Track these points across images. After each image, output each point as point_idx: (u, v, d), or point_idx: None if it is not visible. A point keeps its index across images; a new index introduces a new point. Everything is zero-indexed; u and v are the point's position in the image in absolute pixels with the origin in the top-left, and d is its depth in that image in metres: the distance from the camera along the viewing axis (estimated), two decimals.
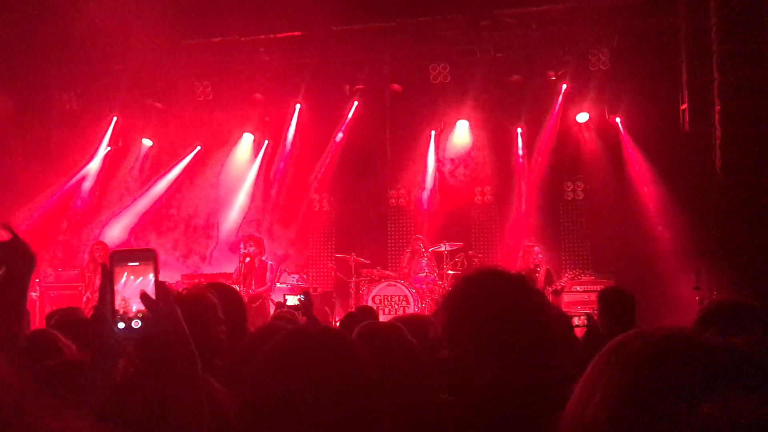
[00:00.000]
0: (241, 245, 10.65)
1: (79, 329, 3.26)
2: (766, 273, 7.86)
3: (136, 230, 13.10)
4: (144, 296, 1.48)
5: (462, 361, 1.95)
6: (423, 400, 2.34)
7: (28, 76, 12.57)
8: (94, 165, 13.26)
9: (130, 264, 1.53)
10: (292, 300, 4.65)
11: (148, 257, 1.55)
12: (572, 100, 11.80)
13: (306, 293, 4.68)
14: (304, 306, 4.56)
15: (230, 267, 11.14)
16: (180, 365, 1.48)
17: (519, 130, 12.30)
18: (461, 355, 1.95)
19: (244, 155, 13.34)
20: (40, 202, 12.73)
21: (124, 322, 1.49)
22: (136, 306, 1.50)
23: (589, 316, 8.04)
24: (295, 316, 4.48)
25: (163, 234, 13.05)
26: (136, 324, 1.49)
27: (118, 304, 1.50)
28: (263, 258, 10.33)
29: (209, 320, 2.84)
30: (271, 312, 8.76)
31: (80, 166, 13.20)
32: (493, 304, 1.93)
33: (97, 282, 10.54)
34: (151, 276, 1.52)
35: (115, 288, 1.51)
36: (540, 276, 9.97)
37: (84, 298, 10.70)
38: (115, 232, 12.84)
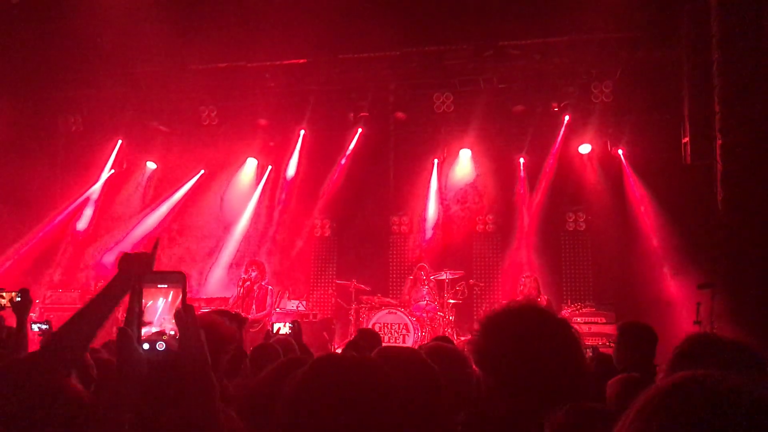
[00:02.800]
0: (243, 269, 10.67)
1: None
2: (766, 308, 7.81)
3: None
4: (179, 314, 1.48)
5: (489, 385, 1.97)
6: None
7: (33, 98, 12.69)
8: (98, 187, 13.31)
9: (159, 285, 1.53)
10: (282, 329, 4.66)
11: (177, 279, 1.55)
12: (575, 132, 11.84)
13: (295, 322, 4.68)
14: (294, 334, 4.55)
15: (229, 291, 11.12)
16: (198, 392, 1.46)
17: (521, 160, 12.34)
18: (490, 379, 1.97)
19: (248, 180, 13.38)
20: (43, 223, 12.77)
21: (149, 343, 1.49)
22: (162, 328, 1.50)
23: (594, 349, 7.97)
24: (291, 342, 4.47)
25: (165, 258, 13.05)
26: (161, 346, 1.49)
27: (145, 324, 1.50)
28: (263, 283, 10.33)
29: (219, 350, 2.75)
30: None
31: (84, 188, 13.25)
32: (534, 339, 1.95)
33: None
34: (178, 298, 1.52)
35: (143, 308, 1.51)
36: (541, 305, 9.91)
37: (120, 316, 10.68)
38: (115, 255, 12.85)
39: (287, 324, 4.64)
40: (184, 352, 1.47)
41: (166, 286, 1.53)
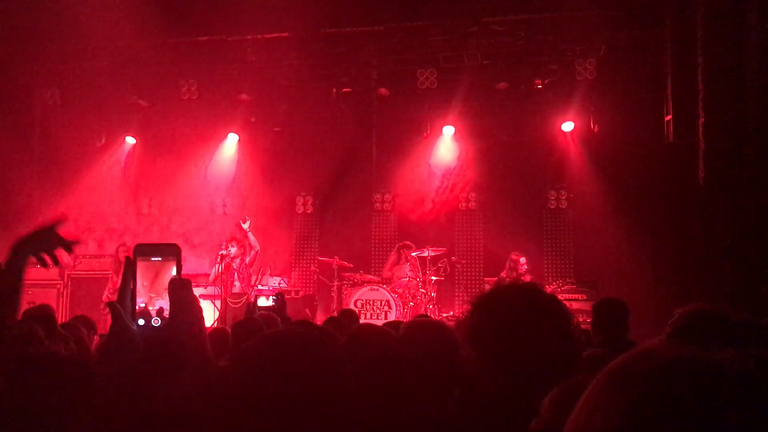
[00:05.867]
0: (223, 245, 10.61)
1: (50, 325, 3.20)
2: (747, 285, 7.90)
3: (115, 229, 12.96)
4: (173, 285, 1.42)
5: (479, 363, 1.98)
6: (420, 414, 2.30)
7: (10, 71, 12.42)
8: (76, 162, 13.09)
9: (153, 259, 1.48)
10: (264, 302, 4.61)
11: (171, 252, 1.49)
12: (558, 109, 11.81)
13: (279, 294, 4.63)
14: (278, 307, 4.51)
15: (210, 268, 11.04)
16: (192, 369, 1.42)
17: (504, 137, 12.30)
18: (481, 356, 1.98)
19: (229, 155, 13.24)
20: (20, 199, 12.56)
21: (144, 318, 1.44)
22: (158, 303, 1.45)
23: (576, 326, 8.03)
24: (273, 316, 4.44)
25: (144, 234, 12.92)
26: (156, 322, 1.44)
27: (139, 300, 1.45)
28: (252, 242, 10.38)
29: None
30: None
31: (62, 163, 13.04)
32: (524, 315, 1.98)
33: (118, 281, 10.50)
34: (173, 272, 1.47)
35: (137, 283, 1.46)
36: None
37: (104, 297, 10.76)
38: (94, 232, 12.71)
39: (271, 297, 4.59)
40: (176, 325, 1.42)
41: (160, 259, 1.48)
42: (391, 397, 2.24)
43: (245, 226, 10.53)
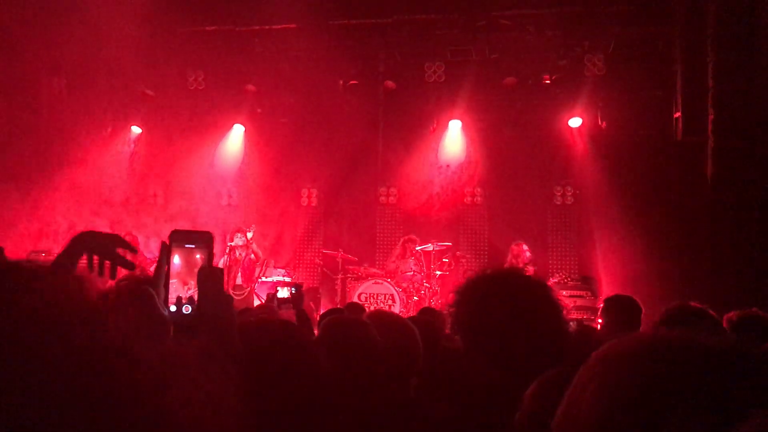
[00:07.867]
0: (228, 237, 10.62)
1: None
2: (754, 285, 7.84)
3: (120, 219, 12.95)
4: (202, 272, 1.40)
5: (469, 354, 1.95)
6: (391, 402, 2.28)
7: (16, 58, 12.40)
8: (81, 151, 13.07)
9: (186, 246, 1.46)
10: (283, 292, 4.56)
11: (204, 240, 1.48)
12: (565, 105, 11.73)
13: (297, 286, 4.59)
14: (295, 299, 4.48)
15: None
16: (218, 359, 1.38)
17: (511, 132, 12.24)
18: (470, 347, 1.95)
19: (234, 146, 13.22)
20: (25, 188, 12.56)
21: (175, 305, 1.42)
22: (190, 291, 1.43)
23: (579, 323, 7.99)
24: (271, 307, 4.42)
25: (149, 224, 12.91)
26: (187, 309, 1.41)
27: (172, 286, 1.43)
28: (253, 247, 10.35)
29: None
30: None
31: (68, 152, 13.02)
32: (513, 303, 1.91)
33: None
34: (204, 258, 1.45)
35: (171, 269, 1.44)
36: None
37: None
38: (99, 221, 12.70)
39: (287, 288, 4.54)
40: (203, 313, 1.39)
41: (193, 246, 1.46)
42: (362, 380, 2.23)
43: (249, 235, 10.49)
